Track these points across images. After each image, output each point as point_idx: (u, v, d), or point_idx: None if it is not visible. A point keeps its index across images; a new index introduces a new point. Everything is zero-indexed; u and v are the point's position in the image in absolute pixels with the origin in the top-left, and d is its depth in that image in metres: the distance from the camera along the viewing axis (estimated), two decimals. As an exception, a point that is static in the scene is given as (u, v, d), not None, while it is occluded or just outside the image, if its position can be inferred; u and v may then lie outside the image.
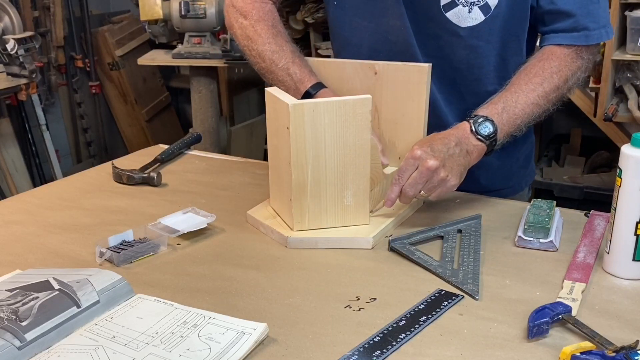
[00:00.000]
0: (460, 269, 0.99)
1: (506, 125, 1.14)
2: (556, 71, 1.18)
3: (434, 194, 1.09)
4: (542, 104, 1.17)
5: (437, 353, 0.80)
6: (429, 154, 1.06)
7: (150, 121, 4.10)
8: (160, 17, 3.07)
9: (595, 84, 2.49)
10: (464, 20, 1.19)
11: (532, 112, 1.16)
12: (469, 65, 1.24)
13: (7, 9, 3.04)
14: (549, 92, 1.17)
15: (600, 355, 0.75)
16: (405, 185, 1.08)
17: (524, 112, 1.15)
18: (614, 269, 0.98)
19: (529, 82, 1.17)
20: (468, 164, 1.12)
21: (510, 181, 1.40)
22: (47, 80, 3.72)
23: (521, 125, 1.16)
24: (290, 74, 1.24)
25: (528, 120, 1.17)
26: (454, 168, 1.08)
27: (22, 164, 3.42)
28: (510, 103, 1.15)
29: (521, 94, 1.16)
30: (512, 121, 1.15)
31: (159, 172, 1.41)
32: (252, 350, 0.80)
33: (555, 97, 1.19)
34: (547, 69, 1.18)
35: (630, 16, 2.28)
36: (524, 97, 1.15)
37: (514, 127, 1.15)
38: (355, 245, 1.08)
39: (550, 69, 1.18)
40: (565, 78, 1.19)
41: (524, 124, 1.17)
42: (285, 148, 1.07)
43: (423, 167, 1.06)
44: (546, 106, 1.18)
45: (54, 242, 1.12)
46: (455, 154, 1.09)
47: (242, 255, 1.07)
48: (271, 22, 1.30)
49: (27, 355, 0.78)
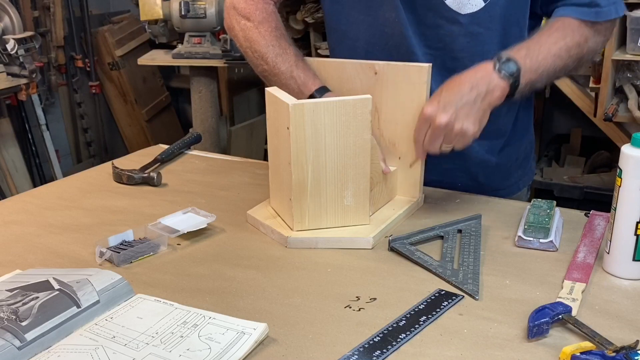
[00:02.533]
0: (460, 269, 0.99)
1: (528, 72, 1.12)
2: (576, 28, 1.16)
3: (457, 146, 1.10)
4: (564, 57, 1.15)
5: (437, 353, 0.80)
6: (439, 110, 1.06)
7: (150, 121, 4.10)
8: (160, 17, 3.07)
9: (595, 84, 2.49)
10: (464, 6, 1.18)
11: (554, 63, 1.14)
12: (471, 54, 1.22)
13: (7, 9, 3.04)
14: (570, 47, 1.15)
15: (600, 355, 0.75)
16: (424, 145, 1.10)
17: (546, 62, 1.14)
18: (614, 269, 0.98)
19: (551, 35, 1.15)
20: (489, 106, 1.10)
21: (508, 180, 1.40)
22: (47, 80, 3.72)
23: (543, 75, 1.14)
24: (294, 76, 1.22)
25: (549, 71, 1.15)
26: (470, 115, 1.07)
27: (22, 164, 3.42)
28: (534, 51, 1.13)
29: (544, 44, 1.14)
30: (535, 68, 1.13)
31: (159, 172, 1.41)
32: (252, 350, 0.80)
33: (577, 53, 1.16)
34: (567, 26, 1.17)
35: (630, 16, 2.28)
36: (546, 47, 1.14)
37: (536, 75, 1.13)
38: (355, 245, 1.08)
39: (570, 26, 1.16)
40: (585, 36, 1.17)
41: (545, 75, 1.15)
42: (285, 148, 1.07)
43: (434, 126, 1.07)
44: (567, 61, 1.16)
45: (54, 242, 1.12)
46: (471, 101, 1.07)
47: (242, 255, 1.07)
48: (274, 24, 1.28)
49: (27, 355, 0.78)
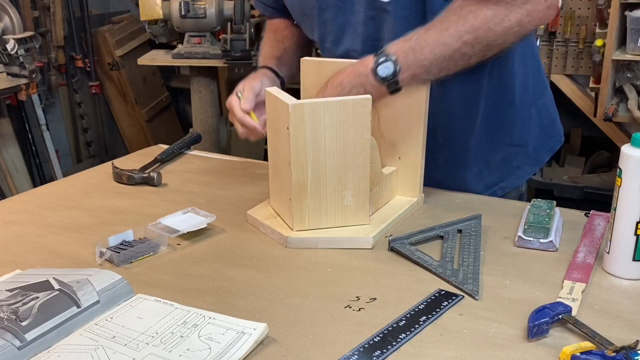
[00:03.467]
0: (460, 269, 0.99)
1: (412, 66, 1.08)
2: (473, 10, 1.08)
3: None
4: (453, 45, 1.08)
5: (437, 353, 0.80)
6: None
7: (150, 121, 4.10)
8: (160, 17, 3.07)
9: (595, 84, 2.50)
10: None
11: (442, 52, 1.08)
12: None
13: (7, 9, 3.04)
14: (462, 33, 1.08)
15: (600, 355, 0.75)
16: None
17: (433, 53, 1.08)
18: (614, 269, 0.98)
19: (444, 20, 1.10)
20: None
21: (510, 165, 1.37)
22: (47, 80, 3.72)
23: (432, 66, 1.09)
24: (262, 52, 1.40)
25: (440, 61, 1.09)
26: None
27: (22, 164, 3.42)
28: (421, 42, 1.09)
29: (433, 32, 1.09)
30: (420, 61, 1.08)
31: (159, 172, 1.41)
32: (252, 350, 0.80)
33: (473, 39, 1.08)
34: (464, 7, 1.10)
35: (630, 16, 2.28)
36: (435, 35, 1.09)
37: (423, 68, 1.09)
38: (355, 245, 1.08)
39: (468, 7, 1.09)
40: (484, 18, 1.08)
41: (437, 66, 1.09)
42: (285, 148, 1.07)
43: None
44: (462, 48, 1.08)
45: (54, 242, 1.12)
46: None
47: (242, 255, 1.07)
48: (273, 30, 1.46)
49: (27, 355, 0.78)
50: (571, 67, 2.81)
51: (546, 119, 1.39)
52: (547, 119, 1.39)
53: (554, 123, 1.42)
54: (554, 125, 1.42)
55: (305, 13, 1.31)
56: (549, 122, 1.40)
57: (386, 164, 1.23)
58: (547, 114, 1.39)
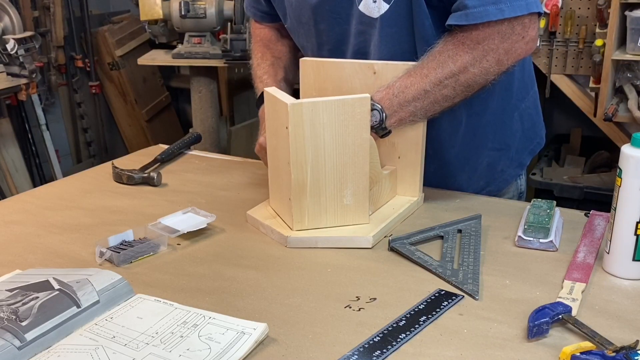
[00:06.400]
0: (460, 269, 0.99)
1: (398, 112, 1.13)
2: (452, 55, 1.12)
3: None
4: (434, 91, 1.12)
5: (437, 353, 0.80)
6: None
7: (150, 121, 4.09)
8: (160, 17, 3.07)
9: (595, 84, 2.49)
10: (373, 10, 1.20)
11: (424, 98, 1.13)
12: (392, 55, 1.22)
13: (7, 9, 3.04)
14: (442, 79, 1.12)
15: (600, 355, 0.75)
16: None
17: (416, 99, 1.13)
18: (614, 269, 0.98)
19: (424, 66, 1.14)
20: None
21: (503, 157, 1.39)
22: (47, 80, 3.72)
23: (417, 111, 1.14)
24: (263, 81, 1.41)
25: (424, 106, 1.13)
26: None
27: (22, 164, 3.42)
28: (403, 88, 1.13)
29: (414, 79, 1.13)
30: (404, 107, 1.13)
31: (159, 172, 1.41)
32: (252, 350, 0.80)
33: (454, 82, 1.12)
34: (443, 53, 1.13)
35: (630, 16, 2.28)
36: (417, 82, 1.13)
37: (408, 113, 1.14)
38: (355, 245, 1.08)
39: (447, 52, 1.12)
40: (463, 63, 1.11)
41: (420, 110, 1.14)
42: (284, 148, 1.07)
43: None
44: (443, 92, 1.13)
45: (54, 242, 1.12)
46: None
47: (242, 255, 1.07)
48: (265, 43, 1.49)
49: (27, 355, 0.78)
50: (571, 67, 2.81)
51: (527, 122, 1.41)
52: (529, 123, 1.41)
53: (535, 126, 1.44)
54: (535, 127, 1.44)
55: (302, 22, 1.32)
56: (530, 126, 1.42)
57: (386, 163, 1.23)
58: (528, 118, 1.41)
